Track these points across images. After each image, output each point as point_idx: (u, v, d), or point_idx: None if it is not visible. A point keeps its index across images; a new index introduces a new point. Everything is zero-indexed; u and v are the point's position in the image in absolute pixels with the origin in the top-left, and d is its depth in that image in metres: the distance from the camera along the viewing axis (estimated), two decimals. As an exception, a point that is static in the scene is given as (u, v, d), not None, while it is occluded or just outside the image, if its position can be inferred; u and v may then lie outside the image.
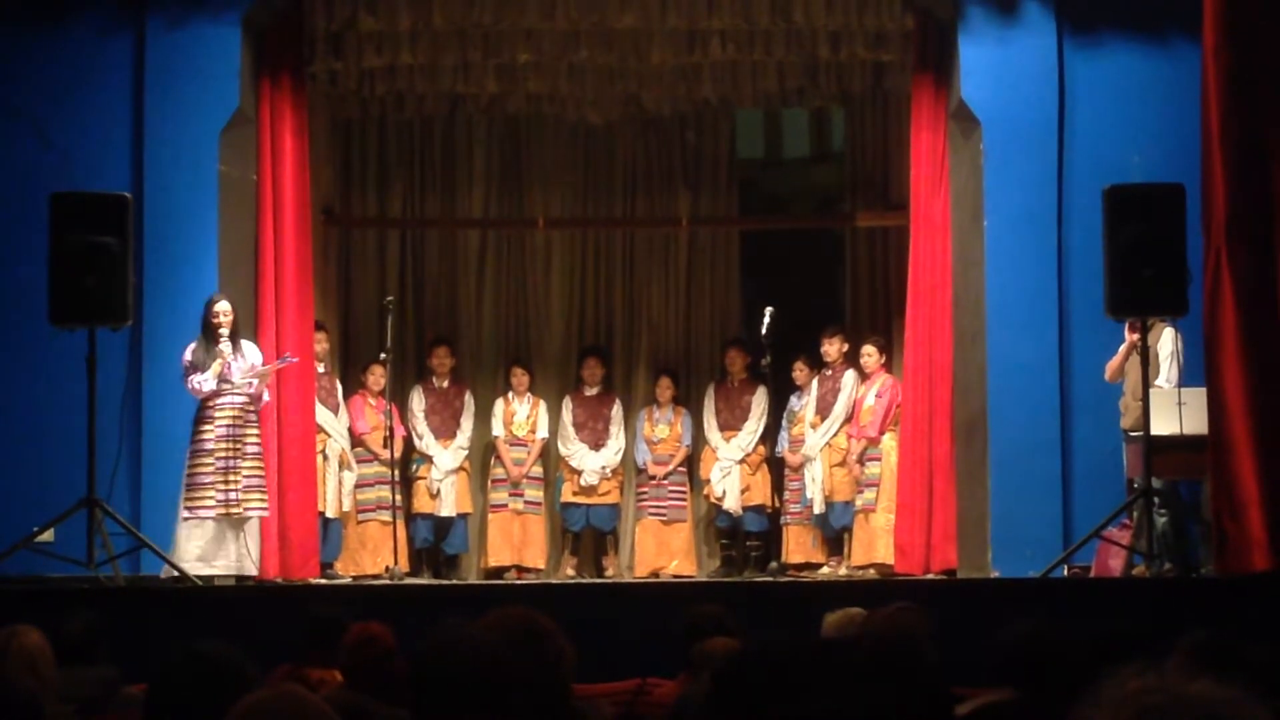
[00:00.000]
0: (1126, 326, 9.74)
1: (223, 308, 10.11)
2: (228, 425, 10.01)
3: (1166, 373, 9.79)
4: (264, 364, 10.29)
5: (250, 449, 10.08)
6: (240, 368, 10.09)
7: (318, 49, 11.63)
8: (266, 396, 10.33)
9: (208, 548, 9.89)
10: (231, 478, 9.95)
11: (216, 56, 10.74)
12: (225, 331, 10.05)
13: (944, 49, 11.18)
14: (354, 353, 13.32)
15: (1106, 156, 10.57)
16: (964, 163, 11.07)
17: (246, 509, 10.00)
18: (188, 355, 10.04)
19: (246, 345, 10.25)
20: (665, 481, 12.87)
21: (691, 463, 13.13)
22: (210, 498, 9.90)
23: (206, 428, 10.00)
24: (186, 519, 9.91)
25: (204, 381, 9.96)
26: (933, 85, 11.29)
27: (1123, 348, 9.89)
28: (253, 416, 10.16)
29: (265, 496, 10.19)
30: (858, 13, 11.34)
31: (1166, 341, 9.84)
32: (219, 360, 9.98)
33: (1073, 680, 3.99)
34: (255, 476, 10.08)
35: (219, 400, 10.01)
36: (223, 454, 9.96)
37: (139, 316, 10.07)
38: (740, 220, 14.36)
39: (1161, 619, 7.32)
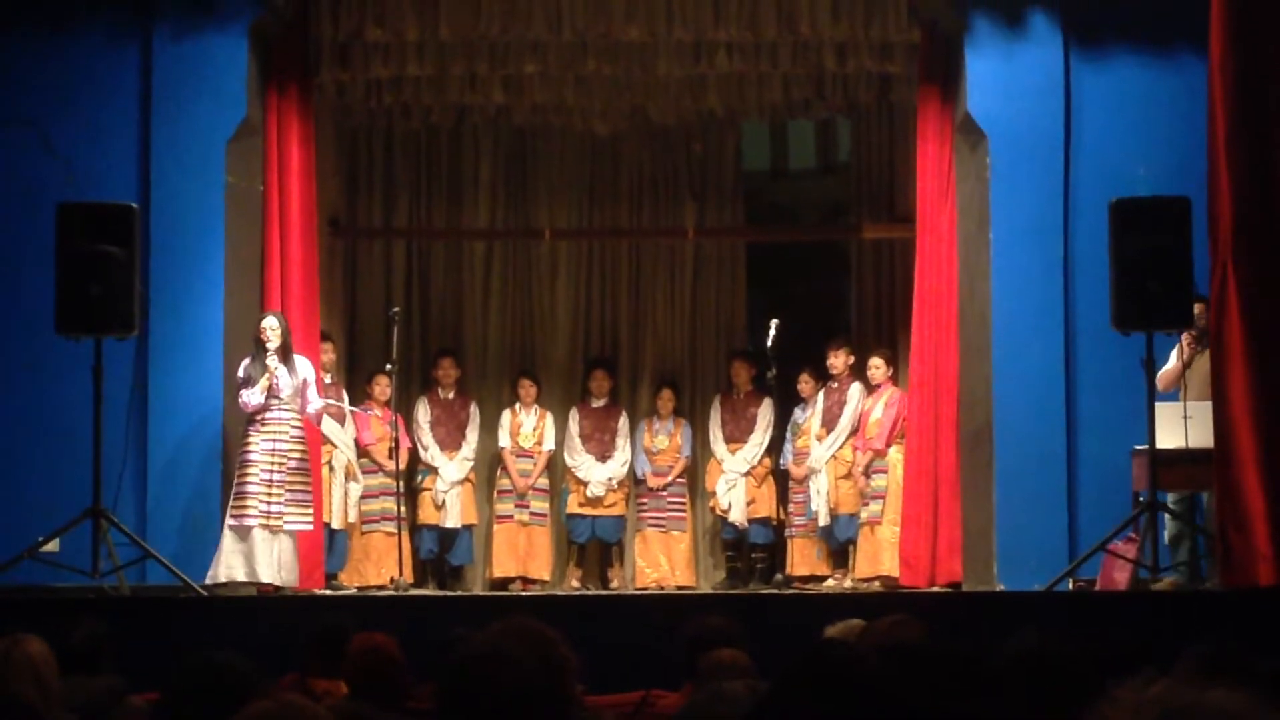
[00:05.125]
0: (1184, 336, 9.68)
1: (268, 324, 10.29)
2: (274, 440, 10.12)
3: None
4: (338, 403, 10.54)
5: (294, 463, 10.20)
6: (291, 383, 10.19)
7: (324, 59, 11.63)
8: (312, 408, 10.53)
9: (248, 556, 9.98)
10: (275, 491, 10.03)
11: (223, 67, 10.75)
12: (272, 346, 10.16)
13: (950, 61, 11.18)
14: (360, 364, 13.32)
15: (1113, 169, 10.57)
16: (970, 175, 11.07)
17: (286, 522, 10.08)
18: (241, 370, 10.16)
19: (300, 360, 10.39)
20: (664, 492, 12.88)
21: (693, 473, 13.14)
22: (253, 508, 10.00)
23: (254, 439, 10.11)
24: (231, 526, 10.00)
25: (252, 396, 10.08)
26: (939, 97, 11.29)
27: (1181, 359, 9.80)
28: (301, 433, 10.26)
29: (307, 512, 10.30)
30: (864, 25, 11.33)
31: None
32: (266, 376, 10.07)
33: (1077, 694, 3.98)
34: (299, 491, 10.22)
35: (268, 414, 10.13)
36: (268, 466, 10.06)
37: (145, 326, 10.10)
38: (746, 231, 14.37)
39: (1166, 632, 7.31)
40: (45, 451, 10.43)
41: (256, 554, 10.02)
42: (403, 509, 11.79)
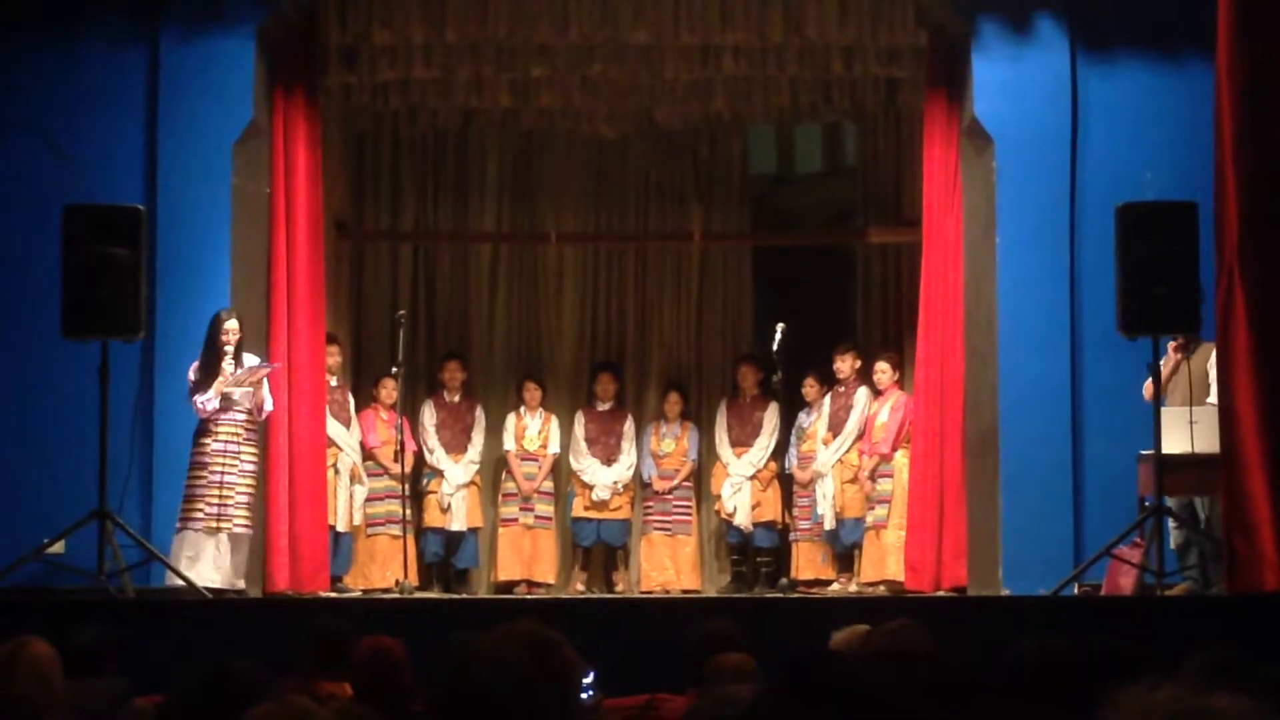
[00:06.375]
0: (1170, 345, 9.70)
1: (232, 326, 10.13)
2: (226, 441, 10.04)
3: (1216, 392, 9.64)
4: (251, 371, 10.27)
5: (246, 466, 10.11)
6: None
7: (331, 62, 11.64)
8: (269, 405, 10.35)
9: (197, 558, 9.88)
10: (225, 493, 9.96)
11: (230, 69, 10.76)
12: (230, 349, 10.08)
13: (957, 65, 11.17)
14: (366, 366, 13.32)
15: (1119, 174, 10.57)
16: (976, 179, 11.06)
17: (235, 525, 10.01)
18: (192, 374, 10.07)
19: (248, 358, 10.26)
20: (670, 496, 12.87)
21: (699, 477, 13.14)
22: (201, 510, 9.92)
23: (206, 441, 10.05)
24: (179, 530, 9.94)
25: (208, 401, 9.98)
26: (945, 101, 11.29)
27: (1166, 367, 9.81)
28: (252, 435, 10.19)
29: (249, 516, 10.17)
30: (871, 29, 11.34)
31: (1215, 360, 9.68)
32: (221, 378, 10.01)
33: (1082, 698, 3.98)
34: (245, 494, 10.10)
35: (221, 415, 10.04)
36: (218, 468, 9.98)
37: (151, 328, 10.09)
38: (752, 236, 14.36)
39: (1171, 638, 7.30)
40: (51, 453, 10.44)
41: (203, 557, 9.92)
42: (408, 512, 11.80)
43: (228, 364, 10.06)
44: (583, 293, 13.90)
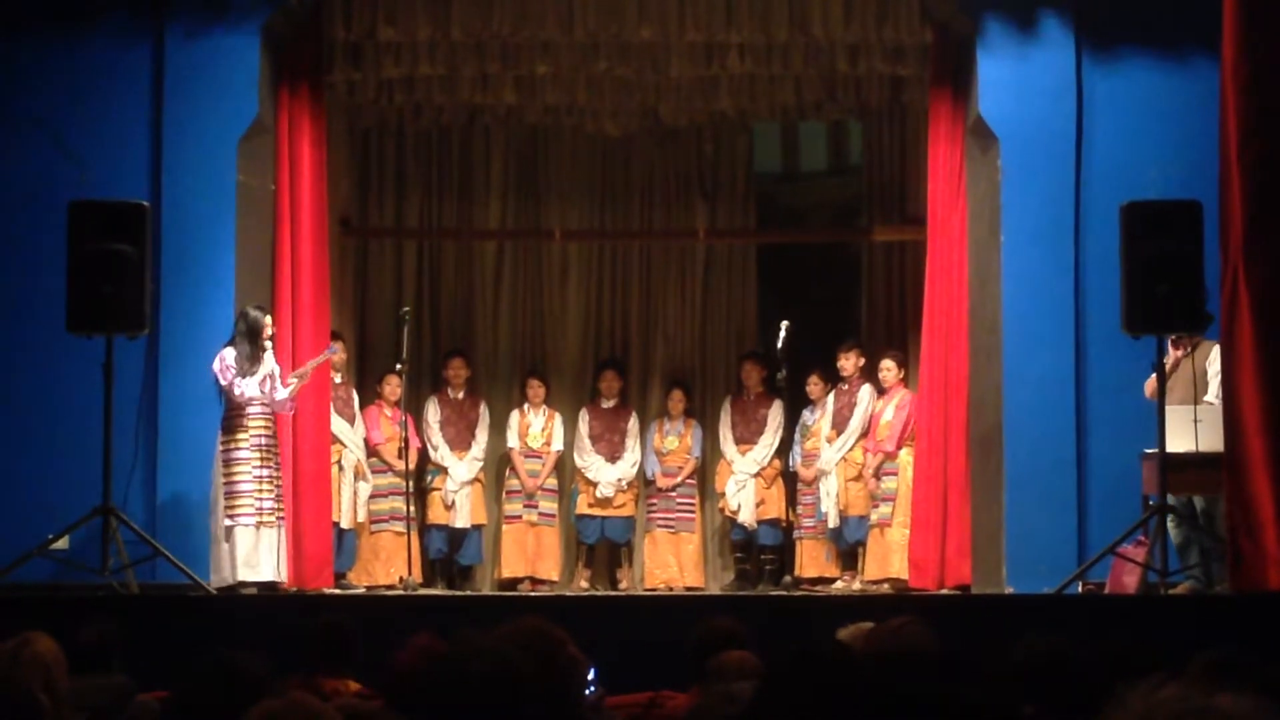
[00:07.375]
0: (1170, 343, 9.68)
1: (269, 321, 10.27)
2: (263, 436, 10.12)
3: (1215, 390, 9.64)
4: (303, 363, 10.42)
5: (276, 459, 10.23)
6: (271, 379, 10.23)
7: (336, 59, 11.64)
8: (292, 404, 10.45)
9: (252, 554, 9.98)
10: (266, 487, 10.04)
11: (235, 65, 10.76)
12: (270, 345, 10.22)
13: (962, 63, 11.17)
14: (370, 363, 13.33)
15: (1124, 172, 10.56)
16: (981, 178, 11.06)
17: (278, 518, 10.11)
18: (229, 360, 10.09)
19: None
20: (674, 493, 12.88)
21: (703, 474, 13.14)
22: (249, 505, 10.00)
23: (240, 436, 10.10)
24: (230, 525, 9.99)
25: (251, 389, 10.05)
26: (950, 99, 11.29)
27: (1166, 365, 9.81)
28: (276, 428, 10.27)
29: (282, 510, 10.29)
30: (876, 27, 11.33)
31: (1215, 359, 9.65)
32: (265, 371, 10.10)
33: (1086, 697, 3.98)
34: (279, 487, 10.22)
35: (251, 410, 10.10)
36: (259, 463, 10.07)
37: (156, 325, 10.11)
38: (757, 233, 14.36)
39: (1175, 636, 7.30)
40: (55, 449, 10.44)
41: (256, 553, 10.01)
42: (412, 509, 11.81)
43: (269, 358, 10.18)
44: (587, 290, 13.90)
